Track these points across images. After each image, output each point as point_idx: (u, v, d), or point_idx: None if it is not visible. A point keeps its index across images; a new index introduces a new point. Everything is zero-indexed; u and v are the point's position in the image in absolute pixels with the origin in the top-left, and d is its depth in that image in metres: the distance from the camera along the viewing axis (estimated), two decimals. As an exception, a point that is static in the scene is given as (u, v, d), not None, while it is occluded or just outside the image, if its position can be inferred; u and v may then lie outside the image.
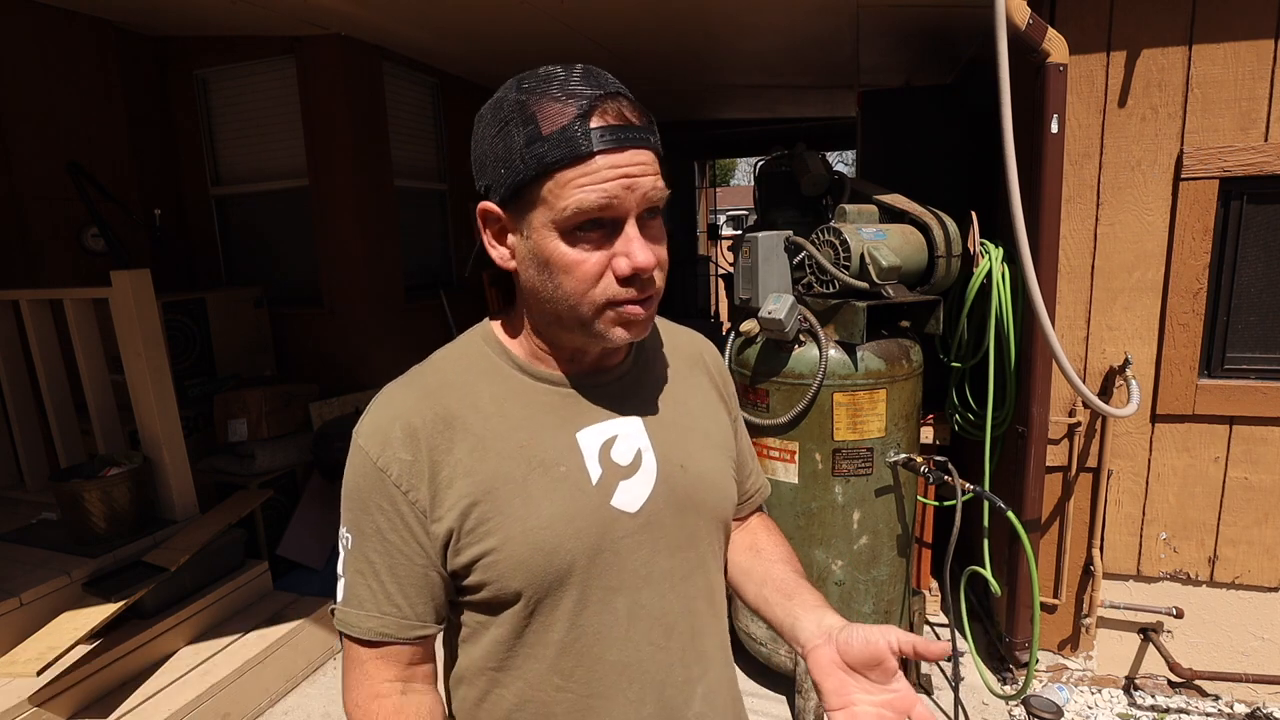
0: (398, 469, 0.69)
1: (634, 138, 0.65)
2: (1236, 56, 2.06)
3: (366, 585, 0.71)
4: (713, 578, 0.82)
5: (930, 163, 3.10)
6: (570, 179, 0.64)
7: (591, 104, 0.64)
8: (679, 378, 0.85)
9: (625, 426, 0.76)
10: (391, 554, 0.70)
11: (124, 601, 2.17)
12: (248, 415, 3.26)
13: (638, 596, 0.74)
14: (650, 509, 0.75)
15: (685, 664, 0.78)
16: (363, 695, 0.72)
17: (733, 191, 25.66)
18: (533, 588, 0.70)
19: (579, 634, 0.72)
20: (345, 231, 3.61)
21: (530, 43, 3.56)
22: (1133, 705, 2.42)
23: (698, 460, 0.80)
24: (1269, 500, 2.26)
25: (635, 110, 0.67)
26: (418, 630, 0.72)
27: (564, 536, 0.70)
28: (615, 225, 0.67)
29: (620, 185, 0.64)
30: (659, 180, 0.67)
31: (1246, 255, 2.19)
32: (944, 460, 2.12)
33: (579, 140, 0.63)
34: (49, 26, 3.18)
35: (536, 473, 0.71)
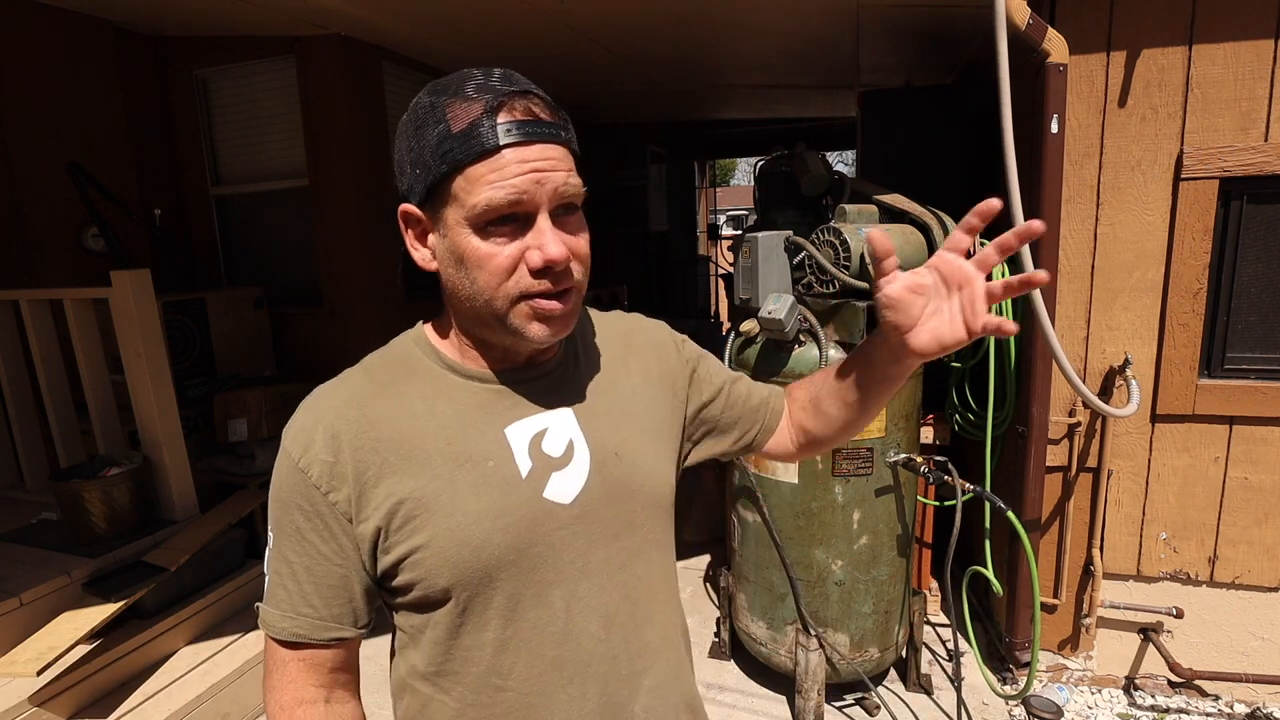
0: (318, 470, 0.69)
1: (542, 132, 0.66)
2: (1236, 56, 2.06)
3: (283, 586, 0.71)
4: (654, 565, 0.81)
5: (930, 163, 3.10)
6: (479, 175, 0.65)
7: (499, 100, 0.65)
8: (612, 364, 0.84)
9: (556, 419, 0.76)
10: (309, 554, 0.70)
11: (124, 601, 2.17)
12: (248, 415, 3.25)
13: (575, 589, 0.73)
14: (585, 499, 0.74)
15: (629, 656, 0.77)
16: (287, 699, 0.72)
17: (733, 191, 25.65)
18: (462, 585, 0.70)
19: (515, 630, 0.72)
20: (345, 231, 3.61)
21: (530, 43, 3.56)
22: (1133, 705, 2.42)
23: (632, 447, 0.80)
24: (1269, 500, 2.26)
25: (546, 107, 0.68)
26: (333, 632, 0.71)
27: (491, 531, 0.70)
28: (527, 219, 0.67)
29: (529, 179, 0.65)
30: (571, 176, 0.68)
31: (1246, 255, 2.19)
32: (944, 460, 2.12)
33: (486, 136, 0.64)
34: (49, 26, 3.17)
35: (464, 469, 0.71)
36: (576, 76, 4.46)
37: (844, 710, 2.35)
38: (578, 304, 0.72)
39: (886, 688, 2.45)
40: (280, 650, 0.72)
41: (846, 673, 2.25)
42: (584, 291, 0.73)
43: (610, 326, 0.90)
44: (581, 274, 0.71)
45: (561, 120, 0.69)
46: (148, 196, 3.64)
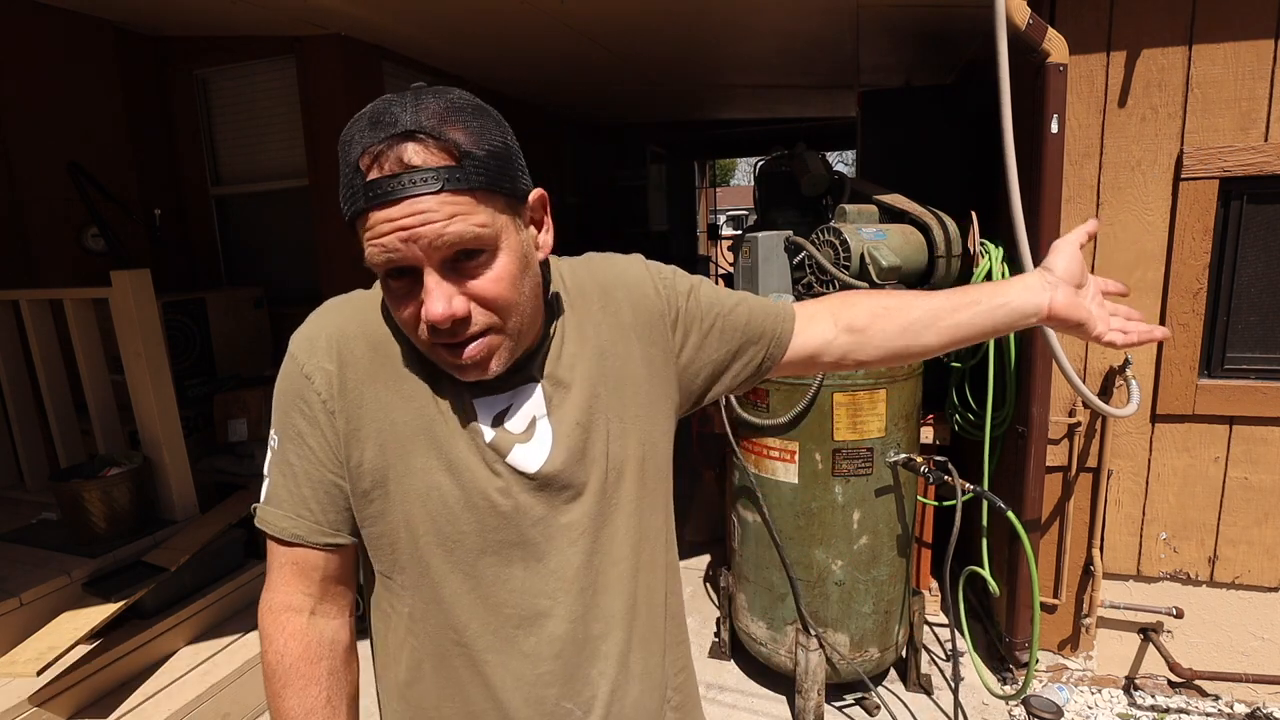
0: (321, 378, 0.72)
1: (409, 183, 0.62)
2: (1236, 56, 2.06)
3: (285, 486, 0.74)
4: (620, 533, 0.79)
5: (930, 163, 3.10)
6: (360, 231, 0.66)
7: (370, 154, 0.64)
8: (585, 326, 0.81)
9: (521, 396, 0.76)
10: (308, 459, 0.73)
11: (124, 601, 2.17)
12: (248, 415, 3.26)
13: (534, 550, 0.74)
14: (547, 470, 0.74)
15: (586, 620, 0.77)
16: (276, 601, 0.75)
17: (733, 191, 25.66)
18: (425, 539, 0.72)
19: (473, 586, 0.73)
20: (345, 231, 3.58)
21: (531, 43, 3.57)
22: (1133, 705, 2.42)
23: (599, 412, 0.78)
24: (1269, 500, 2.26)
25: (431, 147, 0.63)
26: (329, 537, 0.74)
27: (455, 496, 0.71)
28: (418, 272, 0.65)
29: (396, 239, 0.63)
30: (451, 224, 0.63)
31: (1246, 255, 2.19)
32: (944, 460, 2.12)
33: (356, 197, 0.65)
34: (49, 26, 3.17)
35: (437, 426, 0.72)
36: (576, 76, 4.46)
37: (844, 710, 2.35)
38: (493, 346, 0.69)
39: (886, 688, 2.45)
40: (278, 550, 0.75)
41: (846, 673, 2.25)
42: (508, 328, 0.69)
43: (587, 281, 0.84)
44: (491, 319, 0.68)
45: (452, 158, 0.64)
46: (148, 196, 3.64)
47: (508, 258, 0.68)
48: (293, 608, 0.74)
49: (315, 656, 0.74)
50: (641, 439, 0.81)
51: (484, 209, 0.65)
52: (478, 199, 0.65)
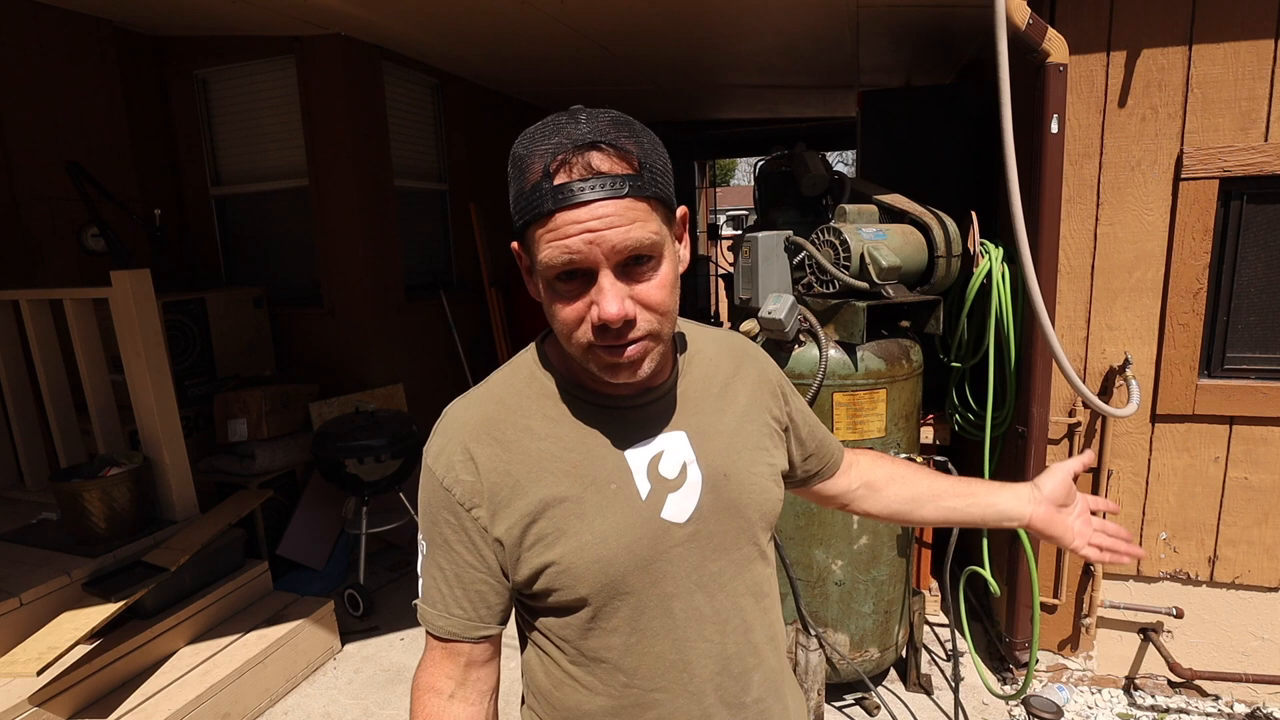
0: (460, 489, 0.77)
1: (599, 188, 0.66)
2: (1236, 56, 2.06)
3: (437, 588, 0.80)
4: (758, 575, 0.86)
5: (930, 163, 3.10)
6: (539, 235, 0.68)
7: (558, 159, 0.66)
8: (721, 386, 0.88)
9: (671, 442, 0.81)
10: (457, 563, 0.78)
11: (124, 601, 2.17)
12: (248, 415, 3.25)
13: (691, 600, 0.80)
14: (698, 518, 0.80)
15: (740, 656, 0.83)
16: (424, 680, 0.82)
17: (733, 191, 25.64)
18: (594, 596, 0.77)
19: (640, 637, 0.78)
20: (345, 231, 3.60)
21: (531, 43, 3.56)
22: (1133, 705, 2.42)
23: (741, 467, 0.84)
24: (1269, 500, 2.26)
25: (615, 157, 0.67)
26: (481, 630, 0.80)
27: (617, 550, 0.76)
28: (590, 275, 0.68)
29: (581, 240, 0.66)
30: (632, 229, 0.67)
31: (1246, 255, 2.19)
32: (944, 460, 2.12)
33: (542, 199, 0.67)
34: (49, 26, 3.17)
35: (590, 491, 0.77)
36: (576, 77, 4.46)
37: (844, 710, 2.35)
38: (649, 350, 0.73)
39: (886, 688, 2.45)
40: (432, 639, 0.82)
41: (846, 673, 2.25)
42: (663, 336, 0.74)
43: (721, 347, 0.92)
44: (655, 322, 0.72)
45: (633, 168, 0.68)
46: (148, 196, 3.64)
47: (669, 266, 0.73)
48: (435, 689, 0.81)
49: None
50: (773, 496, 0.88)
51: (655, 217, 0.70)
52: (651, 207, 0.70)
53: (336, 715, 2.42)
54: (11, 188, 3.08)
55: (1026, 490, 1.01)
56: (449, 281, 4.43)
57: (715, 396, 0.87)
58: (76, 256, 3.28)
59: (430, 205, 4.30)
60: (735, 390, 0.89)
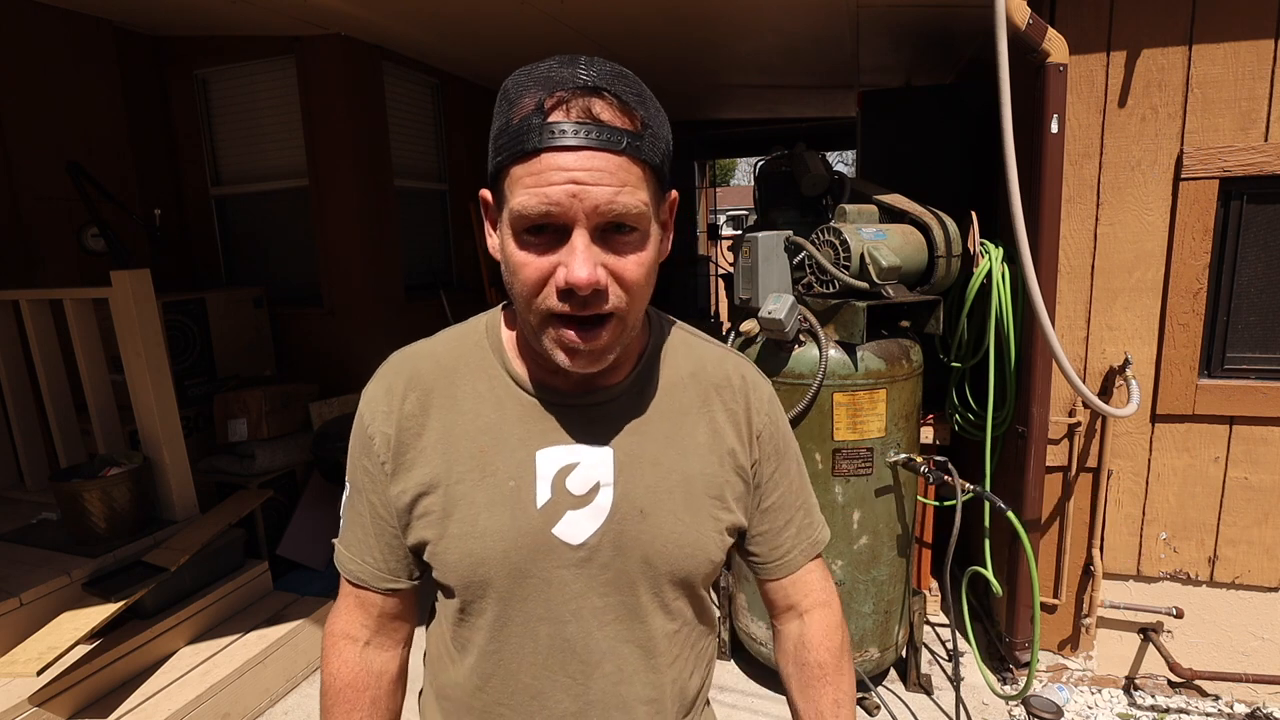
0: (379, 440, 0.74)
1: (596, 138, 0.58)
2: (1236, 56, 2.06)
3: (354, 532, 0.78)
4: (656, 630, 0.75)
5: (930, 163, 3.10)
6: (518, 176, 0.61)
7: (557, 96, 0.59)
8: (682, 410, 0.76)
9: (591, 456, 0.72)
10: (371, 514, 0.76)
11: (124, 601, 2.17)
12: (248, 415, 3.25)
13: (561, 629, 0.72)
14: (593, 544, 0.71)
15: (604, 708, 0.75)
16: (337, 627, 0.81)
17: (733, 191, 25.65)
18: (461, 590, 0.73)
19: (498, 647, 0.74)
20: (345, 231, 3.60)
21: (531, 43, 3.56)
22: (1133, 705, 2.42)
23: (665, 510, 0.73)
24: (1269, 500, 2.26)
25: (617, 109, 0.60)
26: (389, 583, 0.78)
27: (492, 551, 0.70)
28: (564, 232, 0.61)
29: (563, 191, 0.58)
30: (622, 193, 0.60)
31: (1246, 255, 2.19)
32: (944, 460, 2.12)
33: (529, 135, 0.59)
34: (49, 26, 3.17)
35: (487, 481, 0.71)
36: (576, 76, 4.46)
37: (844, 710, 2.35)
38: (613, 337, 0.65)
39: (886, 688, 2.45)
40: (345, 583, 0.80)
41: (846, 673, 2.25)
42: (629, 320, 0.66)
43: (706, 364, 0.80)
44: (625, 302, 0.64)
45: (635, 125, 0.61)
46: (148, 196, 3.64)
47: (652, 247, 0.66)
48: (350, 636, 0.80)
49: (362, 685, 0.79)
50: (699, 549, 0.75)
51: (647, 188, 0.63)
52: (645, 175, 0.63)
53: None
54: (11, 188, 3.08)
55: None
56: (449, 281, 4.43)
57: (668, 420, 0.75)
58: (76, 256, 3.28)
59: (430, 205, 4.30)
60: (697, 418, 0.76)
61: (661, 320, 0.82)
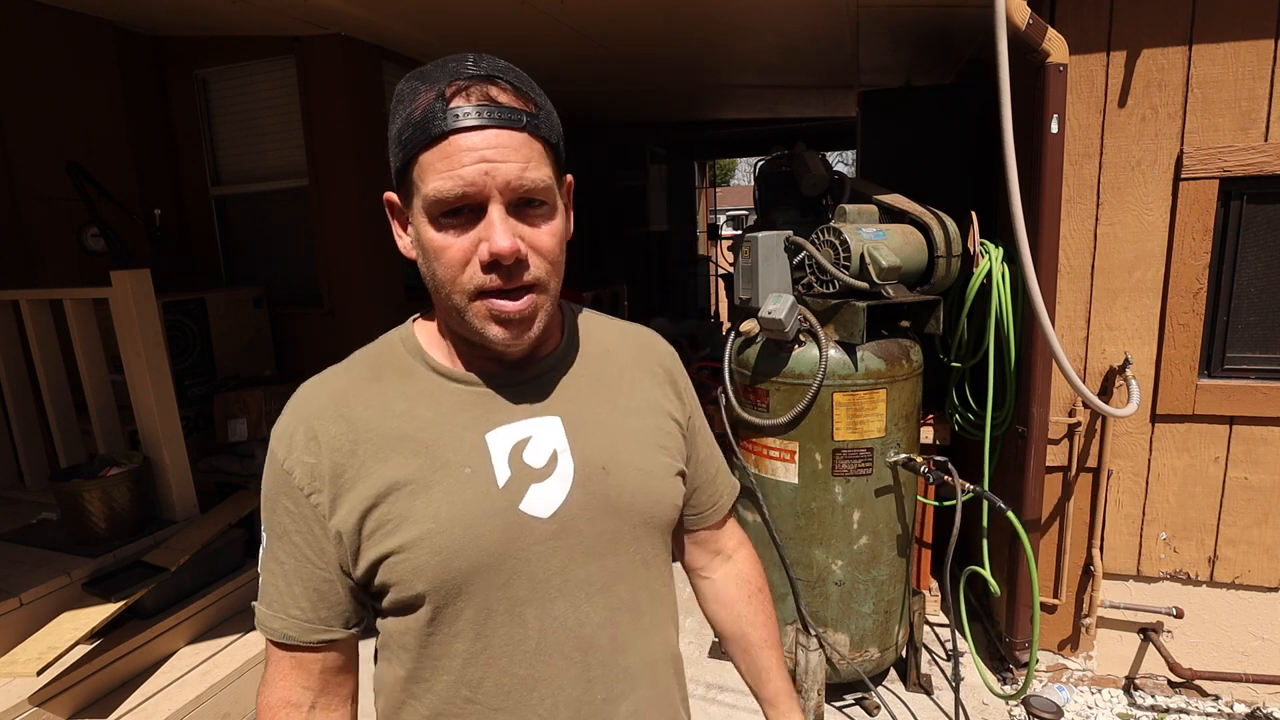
0: (300, 471, 0.69)
1: (498, 118, 0.63)
2: (1236, 56, 2.06)
3: (274, 585, 0.71)
4: (640, 589, 0.77)
5: (930, 163, 3.10)
6: (430, 163, 0.63)
7: (455, 85, 0.63)
8: (616, 374, 0.81)
9: (541, 426, 0.73)
10: (296, 556, 0.70)
11: (124, 601, 2.17)
12: (248, 415, 3.25)
13: (550, 608, 0.71)
14: (565, 514, 0.71)
15: (606, 681, 0.74)
16: (275, 698, 0.72)
17: (733, 191, 25.64)
18: (434, 593, 0.68)
19: (486, 644, 0.70)
20: (345, 231, 3.60)
21: (531, 43, 3.56)
22: (1133, 705, 2.42)
23: (624, 461, 0.75)
24: (1269, 500, 2.26)
25: (512, 93, 0.65)
26: (321, 634, 0.71)
27: (463, 542, 0.67)
28: (479, 210, 0.64)
29: (476, 170, 0.62)
30: (529, 168, 0.64)
31: (1246, 255, 2.19)
32: (944, 460, 2.12)
33: (434, 121, 0.62)
34: (49, 26, 3.17)
35: (440, 474, 0.69)
36: (576, 77, 4.46)
37: (844, 710, 2.35)
38: (539, 304, 0.68)
39: (886, 688, 2.45)
40: (273, 647, 0.73)
41: (846, 673, 2.25)
42: (551, 288, 0.69)
43: (628, 337, 0.86)
44: (545, 270, 0.67)
45: (531, 107, 0.66)
46: (148, 196, 3.64)
47: (561, 219, 0.70)
48: (291, 702, 0.72)
49: None
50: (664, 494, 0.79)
51: (549, 164, 0.67)
52: (546, 153, 0.67)
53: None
54: (12, 188, 3.08)
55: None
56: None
57: (605, 385, 0.79)
58: (76, 256, 3.28)
59: (430, 205, 4.29)
60: (631, 380, 0.81)
61: (570, 304, 0.86)
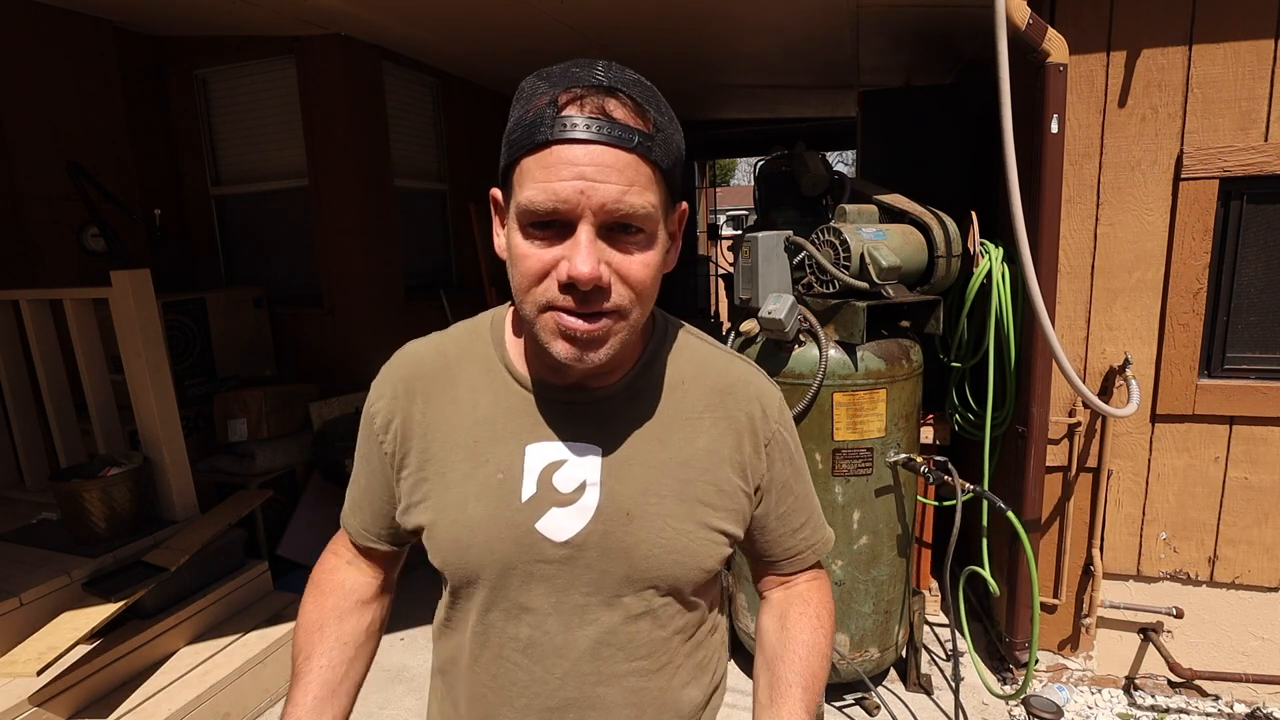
0: (380, 421, 0.78)
1: (608, 135, 0.59)
2: (1236, 56, 2.06)
3: (352, 494, 0.86)
4: (640, 634, 0.74)
5: (930, 163, 3.10)
6: (529, 169, 0.61)
7: (571, 93, 0.60)
8: (682, 413, 0.75)
9: (578, 454, 0.72)
10: (368, 480, 0.83)
11: (124, 601, 2.17)
12: (248, 415, 3.25)
13: (543, 622, 0.73)
14: (577, 543, 0.71)
15: (581, 707, 0.75)
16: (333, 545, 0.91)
17: (733, 191, 25.63)
18: (451, 574, 0.76)
19: (486, 627, 0.76)
20: (345, 231, 3.60)
21: (530, 42, 3.56)
22: (1133, 705, 2.42)
23: (654, 511, 0.71)
24: (1269, 500, 2.26)
25: (631, 109, 0.61)
26: (368, 541, 0.85)
27: (475, 540, 0.72)
28: (570, 227, 0.61)
29: (571, 186, 0.59)
30: (630, 192, 0.60)
31: (1246, 255, 2.19)
32: (944, 460, 2.12)
33: (541, 127, 0.60)
34: (49, 26, 3.17)
35: (479, 470, 0.73)
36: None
37: (844, 710, 2.35)
38: (613, 330, 0.64)
39: (886, 688, 2.45)
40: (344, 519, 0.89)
41: (846, 673, 2.25)
42: (632, 319, 0.66)
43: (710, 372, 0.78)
44: (628, 300, 0.64)
45: (648, 127, 0.62)
46: (148, 196, 3.63)
47: (659, 249, 0.66)
48: (337, 553, 0.90)
49: (327, 590, 0.87)
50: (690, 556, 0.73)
51: (656, 190, 0.63)
52: (655, 178, 0.63)
53: (336, 715, 2.42)
54: (12, 187, 3.08)
55: None
56: (449, 281, 4.43)
57: (663, 422, 0.74)
58: (76, 256, 3.28)
59: (430, 205, 4.30)
60: (697, 422, 0.75)
61: (668, 322, 0.80)
